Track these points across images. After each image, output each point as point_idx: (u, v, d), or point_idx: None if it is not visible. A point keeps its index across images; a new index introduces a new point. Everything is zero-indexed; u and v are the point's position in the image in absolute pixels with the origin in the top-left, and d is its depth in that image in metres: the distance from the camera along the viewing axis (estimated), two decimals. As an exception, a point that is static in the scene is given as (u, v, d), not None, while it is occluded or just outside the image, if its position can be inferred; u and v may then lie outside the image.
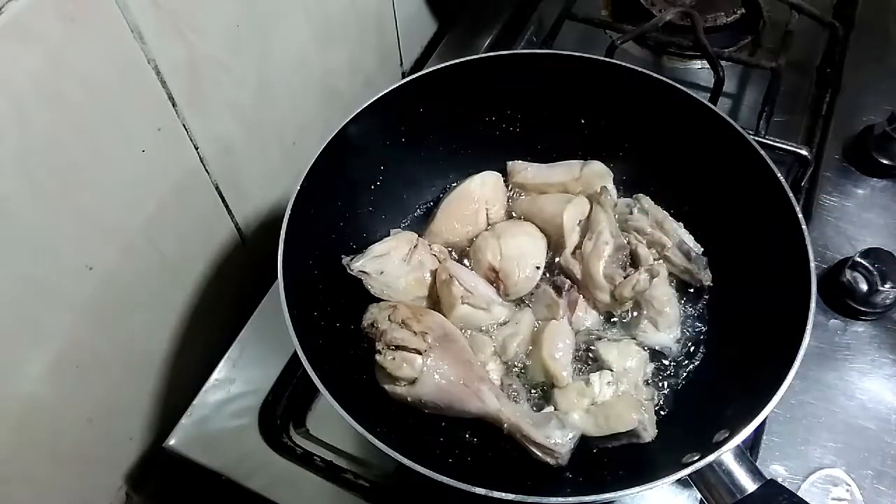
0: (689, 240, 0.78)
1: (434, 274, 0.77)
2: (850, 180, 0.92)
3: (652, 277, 0.73)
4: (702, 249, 0.78)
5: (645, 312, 0.75)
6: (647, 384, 0.72)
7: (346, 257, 0.75)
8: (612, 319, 0.77)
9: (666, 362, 0.75)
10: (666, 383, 0.74)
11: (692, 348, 0.75)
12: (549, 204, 0.81)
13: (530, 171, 0.85)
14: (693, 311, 0.78)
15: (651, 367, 0.73)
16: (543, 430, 0.64)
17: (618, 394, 0.69)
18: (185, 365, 0.83)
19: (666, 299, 0.75)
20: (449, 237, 0.82)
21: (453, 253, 0.82)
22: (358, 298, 0.75)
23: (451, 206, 0.82)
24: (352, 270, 0.73)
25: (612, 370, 0.71)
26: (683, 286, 0.79)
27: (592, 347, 0.74)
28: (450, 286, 0.73)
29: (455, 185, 0.86)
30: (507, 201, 0.85)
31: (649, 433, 0.67)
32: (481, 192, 0.83)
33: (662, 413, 0.71)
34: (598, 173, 0.83)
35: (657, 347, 0.75)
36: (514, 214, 0.85)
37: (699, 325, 0.77)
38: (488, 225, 0.83)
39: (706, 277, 0.76)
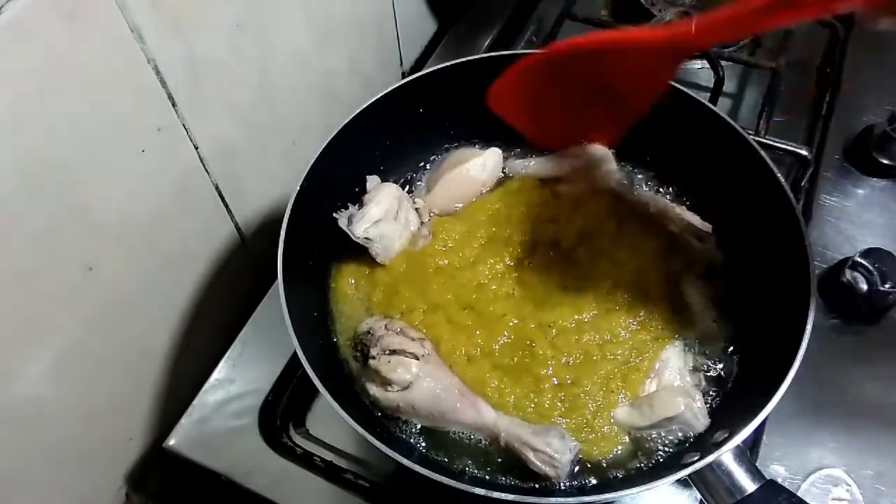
0: (696, 220, 0.77)
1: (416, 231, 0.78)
2: (850, 180, 0.92)
3: None
4: (710, 227, 0.77)
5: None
6: (693, 371, 0.70)
7: (341, 218, 0.74)
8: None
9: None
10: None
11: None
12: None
13: (531, 166, 0.85)
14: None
15: (690, 356, 0.71)
16: (544, 438, 0.63)
17: (661, 386, 0.68)
18: (185, 365, 0.83)
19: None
20: (444, 207, 0.83)
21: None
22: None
23: (452, 184, 0.83)
24: (357, 238, 0.73)
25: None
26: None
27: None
28: None
29: (454, 150, 0.86)
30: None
31: (700, 422, 0.64)
32: (481, 176, 0.84)
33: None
34: (600, 157, 0.83)
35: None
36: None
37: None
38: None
39: (717, 255, 0.76)
